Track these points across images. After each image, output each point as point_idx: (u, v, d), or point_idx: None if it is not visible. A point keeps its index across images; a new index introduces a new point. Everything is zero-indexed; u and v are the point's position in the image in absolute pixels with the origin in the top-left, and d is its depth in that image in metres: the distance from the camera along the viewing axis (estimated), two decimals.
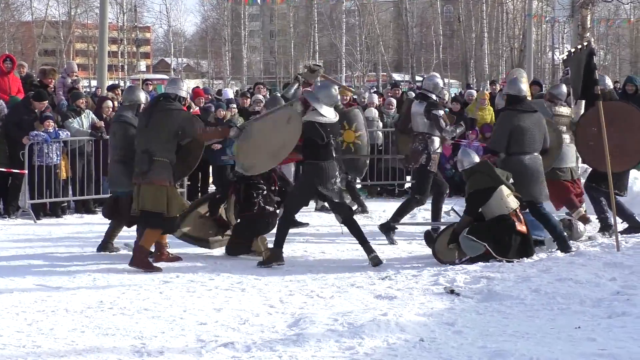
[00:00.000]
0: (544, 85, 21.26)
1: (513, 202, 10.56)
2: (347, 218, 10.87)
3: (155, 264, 10.60)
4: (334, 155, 10.92)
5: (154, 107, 10.83)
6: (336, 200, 10.80)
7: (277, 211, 11.52)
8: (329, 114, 10.80)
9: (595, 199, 12.19)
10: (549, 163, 11.55)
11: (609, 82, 12.58)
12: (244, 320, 7.97)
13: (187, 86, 11.41)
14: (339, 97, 11.79)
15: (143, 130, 10.61)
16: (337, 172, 10.94)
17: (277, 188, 11.84)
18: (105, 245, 11.68)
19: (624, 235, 11.72)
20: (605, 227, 11.99)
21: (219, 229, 11.69)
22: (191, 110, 17.28)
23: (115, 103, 16.42)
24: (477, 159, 10.94)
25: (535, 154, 11.12)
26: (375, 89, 37.33)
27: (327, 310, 8.28)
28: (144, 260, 10.44)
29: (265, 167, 10.94)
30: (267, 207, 11.43)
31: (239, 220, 11.57)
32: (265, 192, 11.48)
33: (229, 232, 11.66)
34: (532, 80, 21.01)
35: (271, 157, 10.87)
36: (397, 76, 58.88)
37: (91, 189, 15.52)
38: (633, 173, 14.47)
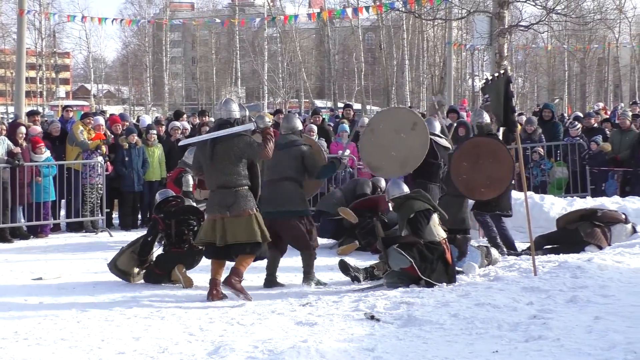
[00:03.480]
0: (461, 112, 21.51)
1: (442, 231, 10.88)
2: None
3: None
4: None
5: (214, 139, 10.29)
6: None
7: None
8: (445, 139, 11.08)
9: (482, 222, 13.05)
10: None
11: (486, 117, 12.99)
12: (163, 348, 7.88)
13: (237, 105, 10.73)
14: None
15: (210, 164, 10.24)
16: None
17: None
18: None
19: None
20: (496, 246, 12.63)
21: (142, 265, 11.62)
22: (109, 138, 17.25)
23: (28, 129, 16.29)
24: (407, 189, 11.12)
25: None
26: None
27: (247, 337, 8.23)
28: (237, 285, 10.12)
29: (392, 173, 10.77)
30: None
31: (163, 252, 11.50)
32: (196, 228, 11.43)
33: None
34: (449, 108, 21.29)
35: (399, 166, 10.93)
36: (319, 103, 58.99)
37: (7, 216, 15.29)
38: (549, 198, 14.74)
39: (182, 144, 11.34)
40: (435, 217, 10.82)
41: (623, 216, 13.39)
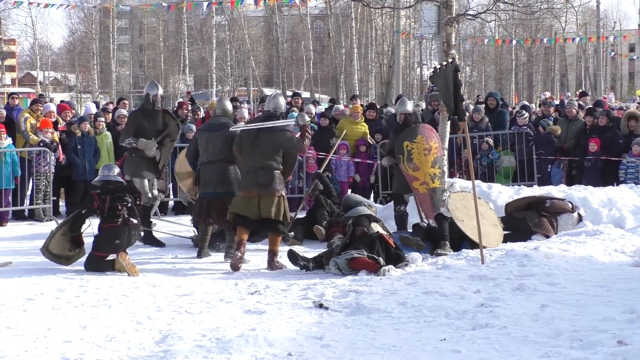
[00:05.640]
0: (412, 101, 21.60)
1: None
2: None
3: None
4: None
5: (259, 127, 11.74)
6: None
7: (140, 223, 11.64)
8: None
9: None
10: None
11: (409, 106, 13.73)
12: (110, 337, 7.82)
13: (283, 100, 12.43)
14: None
15: (251, 147, 11.68)
16: None
17: (140, 203, 11.81)
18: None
19: None
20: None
21: (75, 246, 11.53)
22: (58, 125, 17.01)
23: None
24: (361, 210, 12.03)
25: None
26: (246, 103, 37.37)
27: (195, 325, 8.21)
28: (276, 263, 11.62)
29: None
30: (131, 219, 11.38)
31: (99, 233, 11.40)
32: (130, 204, 11.43)
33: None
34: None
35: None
36: (268, 91, 58.88)
37: None
38: (497, 187, 14.85)
39: (232, 130, 12.25)
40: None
41: (570, 205, 13.53)
